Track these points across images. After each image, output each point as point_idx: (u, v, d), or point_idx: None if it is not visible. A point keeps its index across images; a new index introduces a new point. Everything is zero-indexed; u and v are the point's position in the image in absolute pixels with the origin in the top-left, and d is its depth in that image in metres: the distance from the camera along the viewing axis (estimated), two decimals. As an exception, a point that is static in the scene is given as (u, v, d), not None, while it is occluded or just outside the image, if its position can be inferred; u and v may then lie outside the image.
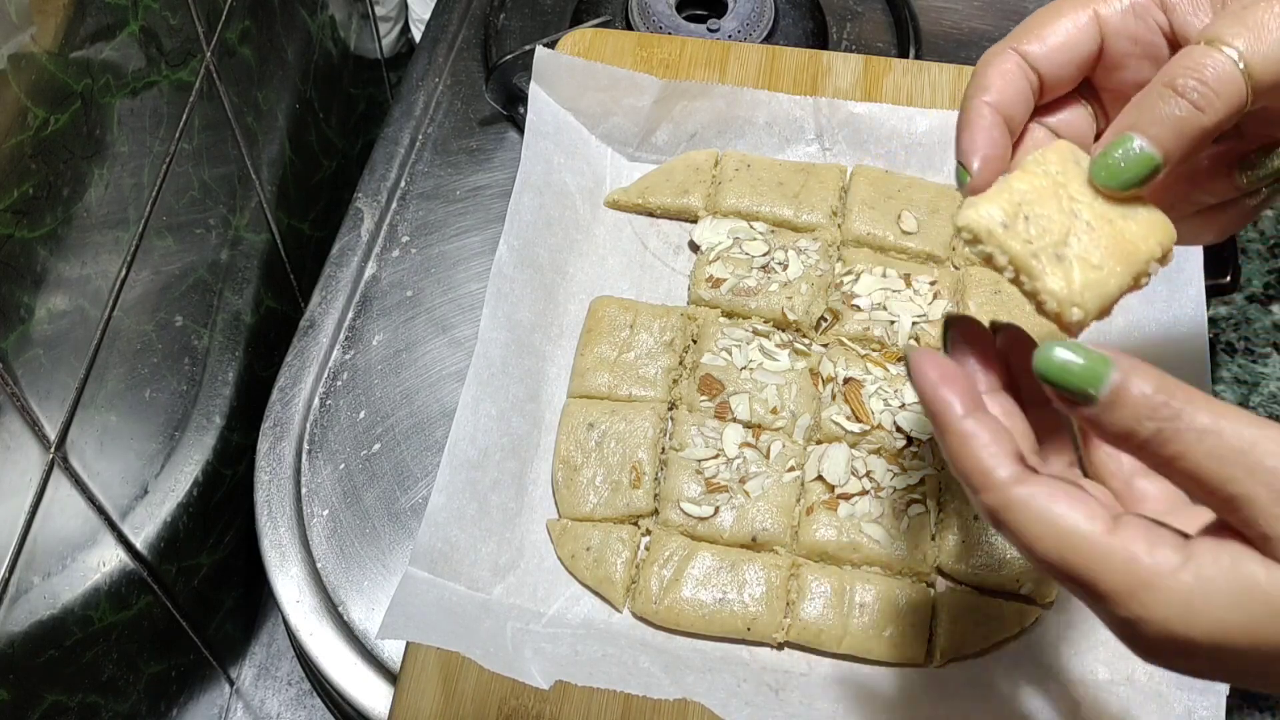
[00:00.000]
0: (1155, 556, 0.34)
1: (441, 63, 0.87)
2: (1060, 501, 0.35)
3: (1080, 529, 0.34)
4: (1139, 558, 0.34)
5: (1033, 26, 0.43)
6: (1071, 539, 0.34)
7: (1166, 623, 0.34)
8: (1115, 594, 0.34)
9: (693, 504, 0.63)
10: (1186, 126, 0.38)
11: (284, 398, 0.71)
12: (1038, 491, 0.35)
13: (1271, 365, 1.22)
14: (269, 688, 0.76)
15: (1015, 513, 0.35)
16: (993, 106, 0.42)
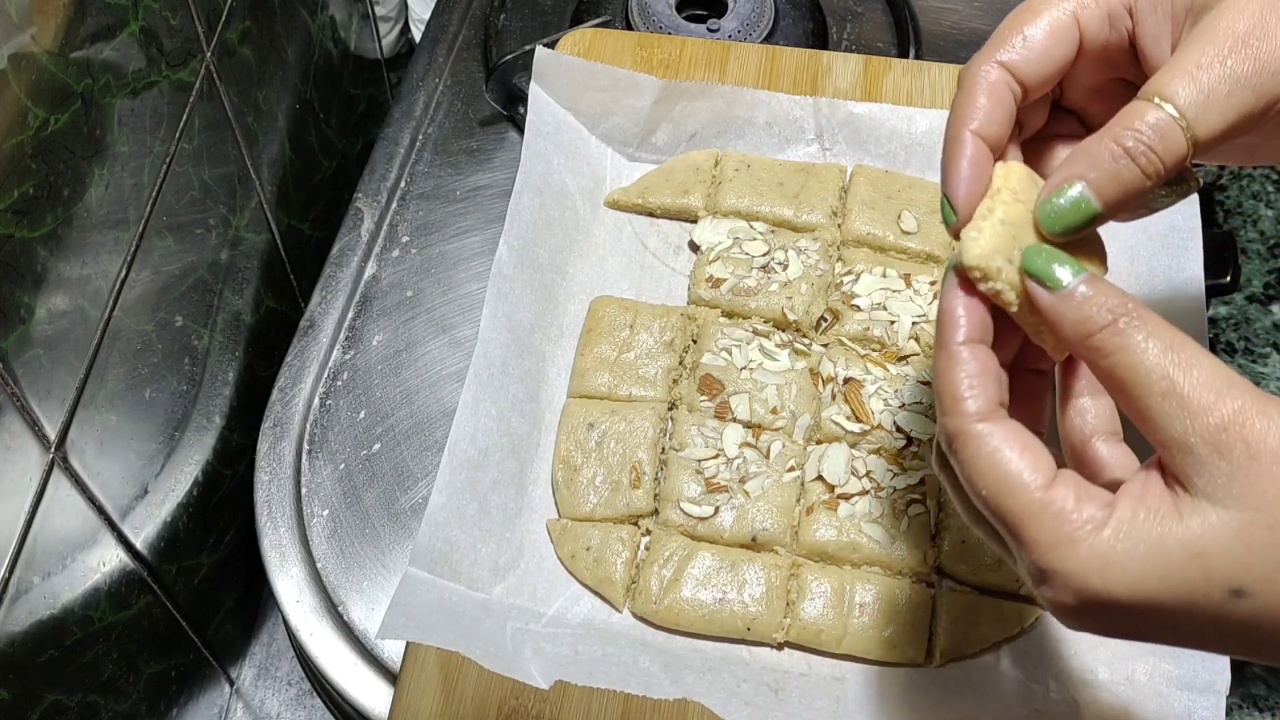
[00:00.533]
0: (1081, 513, 0.35)
1: (441, 63, 0.87)
2: (1013, 447, 0.37)
3: (1021, 478, 0.36)
4: (1066, 513, 0.35)
5: (1015, 29, 0.43)
6: (1009, 483, 0.36)
7: (1084, 577, 0.35)
8: (1037, 543, 0.36)
9: (693, 504, 0.63)
10: (1129, 181, 0.40)
11: (284, 398, 0.71)
12: (995, 431, 0.37)
13: (1271, 365, 1.22)
14: (269, 688, 0.76)
15: (969, 445, 0.38)
16: (976, 134, 0.43)
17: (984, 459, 0.37)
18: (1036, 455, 0.37)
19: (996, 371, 0.39)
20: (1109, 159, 0.40)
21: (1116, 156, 0.40)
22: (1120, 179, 0.40)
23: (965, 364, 0.39)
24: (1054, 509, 0.36)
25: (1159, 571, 0.34)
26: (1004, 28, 0.44)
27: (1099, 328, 0.37)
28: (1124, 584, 0.35)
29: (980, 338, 0.40)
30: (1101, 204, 0.40)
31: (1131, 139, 0.40)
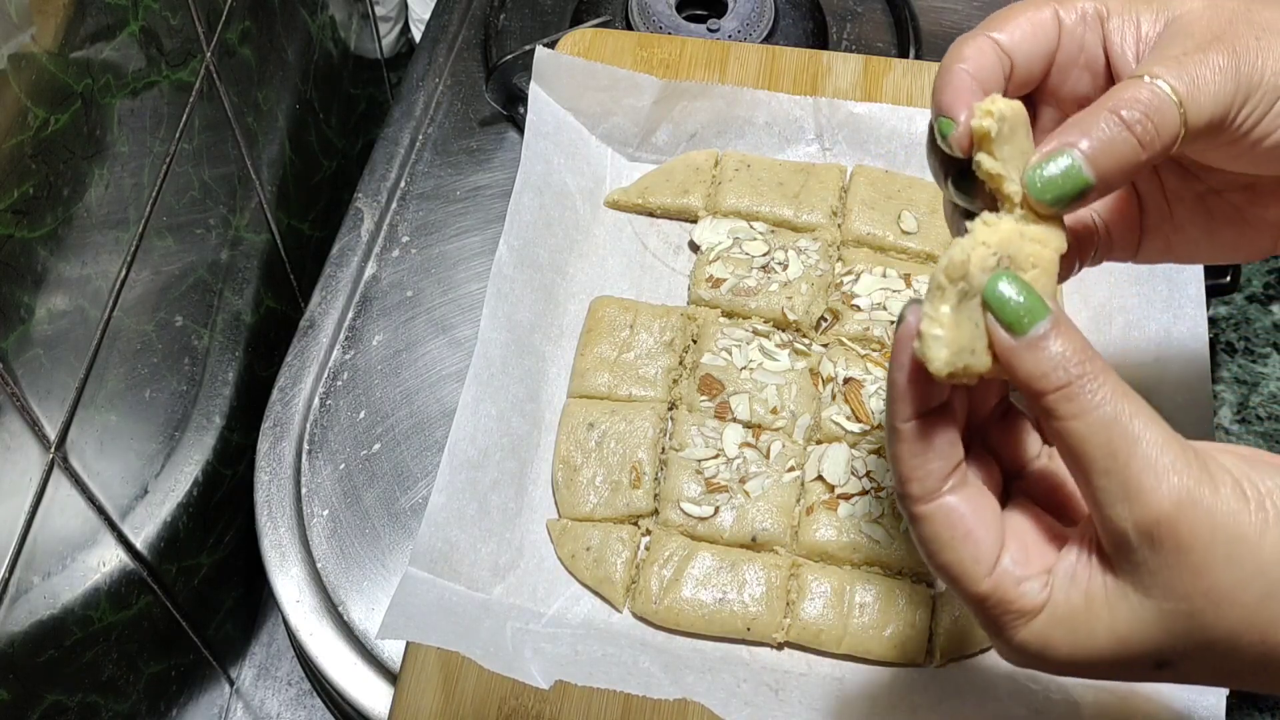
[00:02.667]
0: (1021, 600, 0.37)
1: (441, 63, 0.87)
2: (955, 532, 0.38)
3: (963, 566, 0.38)
4: (1007, 602, 0.37)
5: (1000, 18, 0.44)
6: (954, 569, 0.38)
7: (1024, 652, 0.38)
8: (985, 624, 0.39)
9: (693, 504, 0.63)
10: (1123, 152, 0.39)
11: (284, 398, 0.71)
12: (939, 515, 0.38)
13: (1271, 365, 1.22)
14: (269, 688, 0.76)
15: (916, 525, 0.39)
16: (969, 74, 0.43)
17: (932, 543, 0.39)
18: (980, 539, 0.38)
19: (946, 441, 0.39)
20: (1104, 128, 0.39)
21: (1113, 125, 0.39)
22: (1115, 148, 0.39)
23: (908, 443, 0.38)
24: (994, 600, 0.38)
25: (1089, 651, 0.37)
26: (988, 19, 0.44)
27: (1053, 388, 0.36)
28: (1059, 658, 0.38)
29: (925, 410, 0.39)
30: (1094, 173, 0.39)
31: (1127, 109, 0.39)
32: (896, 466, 0.39)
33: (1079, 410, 0.35)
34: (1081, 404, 0.35)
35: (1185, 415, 0.65)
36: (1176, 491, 0.35)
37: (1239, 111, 0.41)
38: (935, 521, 0.38)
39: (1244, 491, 0.35)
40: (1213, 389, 0.68)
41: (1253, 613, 0.35)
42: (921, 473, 0.38)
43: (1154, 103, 0.39)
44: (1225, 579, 0.35)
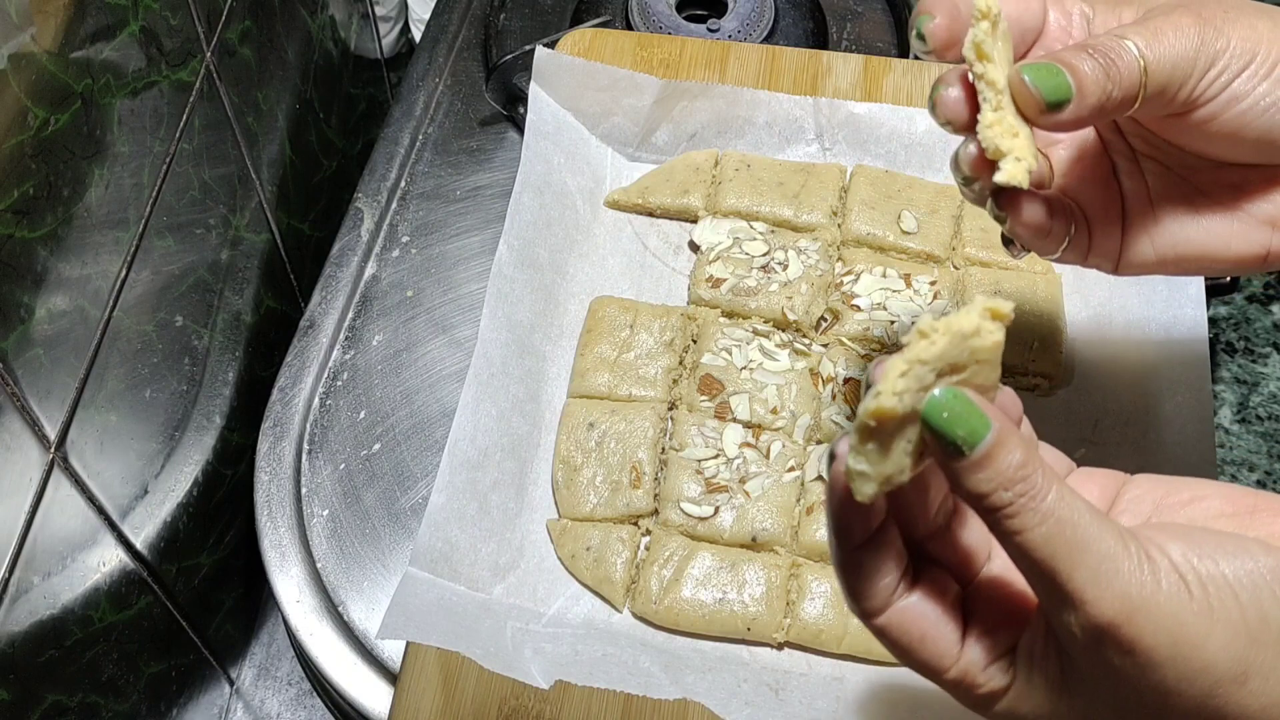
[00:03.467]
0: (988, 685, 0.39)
1: (441, 63, 0.87)
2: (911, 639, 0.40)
3: (930, 665, 0.40)
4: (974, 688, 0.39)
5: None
6: (922, 668, 0.40)
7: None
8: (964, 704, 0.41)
9: (693, 504, 0.63)
10: (1095, 76, 0.42)
11: (284, 398, 0.71)
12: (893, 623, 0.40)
13: (1271, 365, 1.22)
14: (269, 688, 0.76)
15: (877, 635, 0.40)
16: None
17: (895, 648, 0.40)
18: (937, 637, 0.39)
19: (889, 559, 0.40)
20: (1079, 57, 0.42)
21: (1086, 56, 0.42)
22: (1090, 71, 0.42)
23: (853, 569, 0.40)
24: (963, 687, 0.40)
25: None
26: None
27: (998, 507, 0.36)
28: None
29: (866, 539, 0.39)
30: (1075, 84, 0.42)
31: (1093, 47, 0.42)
32: (844, 587, 0.40)
33: (1023, 527, 0.36)
34: (1025, 521, 0.36)
35: (1185, 415, 0.65)
36: (1119, 600, 0.35)
37: (1203, 76, 0.43)
38: (892, 630, 0.40)
39: (1188, 587, 0.36)
40: (1213, 389, 0.68)
41: (1199, 705, 0.36)
42: (870, 591, 0.39)
43: (1119, 49, 0.42)
44: (1170, 677, 0.36)
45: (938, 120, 0.44)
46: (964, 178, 0.45)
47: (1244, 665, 0.36)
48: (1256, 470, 1.21)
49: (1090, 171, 0.50)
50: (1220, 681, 0.36)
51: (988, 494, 0.36)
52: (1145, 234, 0.49)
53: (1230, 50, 0.43)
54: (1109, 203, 0.50)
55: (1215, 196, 0.48)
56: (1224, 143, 0.45)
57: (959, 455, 0.36)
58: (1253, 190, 0.47)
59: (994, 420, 0.36)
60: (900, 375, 0.34)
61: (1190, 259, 0.49)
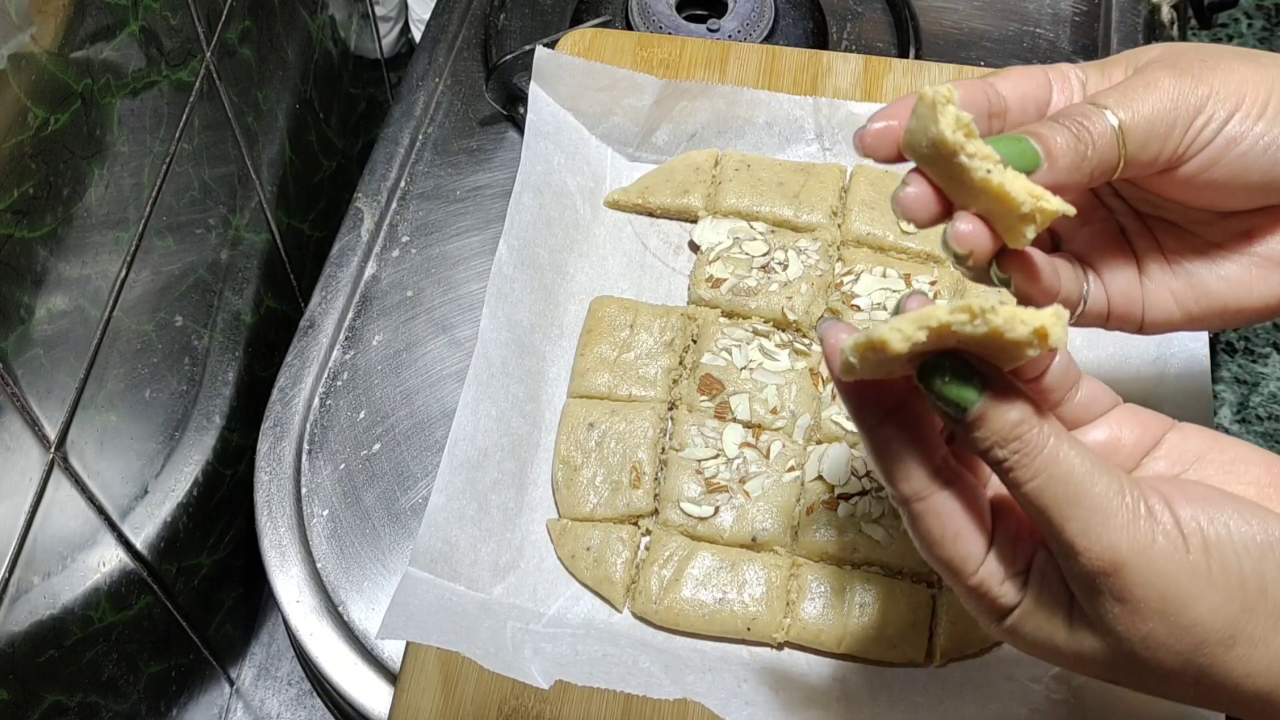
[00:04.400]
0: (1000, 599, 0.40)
1: (441, 63, 0.87)
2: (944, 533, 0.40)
3: (952, 564, 0.41)
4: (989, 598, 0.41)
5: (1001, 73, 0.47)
6: (943, 565, 0.41)
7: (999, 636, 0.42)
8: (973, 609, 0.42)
9: (693, 504, 0.63)
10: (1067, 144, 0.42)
11: (284, 398, 0.71)
12: (929, 511, 0.40)
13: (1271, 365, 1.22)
14: (269, 688, 0.76)
15: (910, 524, 0.41)
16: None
17: (924, 540, 0.41)
18: (967, 538, 0.40)
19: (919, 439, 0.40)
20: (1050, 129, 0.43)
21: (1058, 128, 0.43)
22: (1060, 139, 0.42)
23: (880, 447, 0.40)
24: (979, 594, 0.41)
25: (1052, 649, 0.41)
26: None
27: (997, 462, 0.38)
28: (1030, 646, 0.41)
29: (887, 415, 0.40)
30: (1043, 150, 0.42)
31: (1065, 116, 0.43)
32: (880, 471, 0.41)
33: (1017, 480, 0.38)
34: (1019, 475, 0.38)
35: (1185, 415, 0.65)
36: (1111, 550, 0.37)
37: (1188, 128, 0.43)
38: (929, 517, 0.40)
39: (1186, 543, 0.37)
40: (1213, 389, 0.68)
41: (1186, 661, 0.38)
42: (903, 473, 0.40)
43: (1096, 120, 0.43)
44: (1159, 630, 0.37)
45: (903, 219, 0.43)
46: (957, 255, 0.43)
47: (1233, 629, 0.37)
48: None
49: (1097, 234, 0.50)
50: (1206, 641, 0.37)
51: (987, 450, 0.38)
52: (1166, 290, 0.49)
53: (1214, 96, 0.43)
54: (1122, 262, 0.50)
55: (1229, 246, 0.48)
56: (1226, 190, 0.45)
57: (960, 416, 0.38)
58: (1263, 233, 0.47)
59: (993, 378, 0.38)
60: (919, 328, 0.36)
61: (1215, 312, 0.49)
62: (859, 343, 0.37)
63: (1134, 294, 0.49)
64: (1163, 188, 0.46)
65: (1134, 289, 0.49)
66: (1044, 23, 0.89)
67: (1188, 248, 0.49)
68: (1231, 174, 0.44)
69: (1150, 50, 0.46)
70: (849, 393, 0.40)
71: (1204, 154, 0.44)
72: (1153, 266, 0.49)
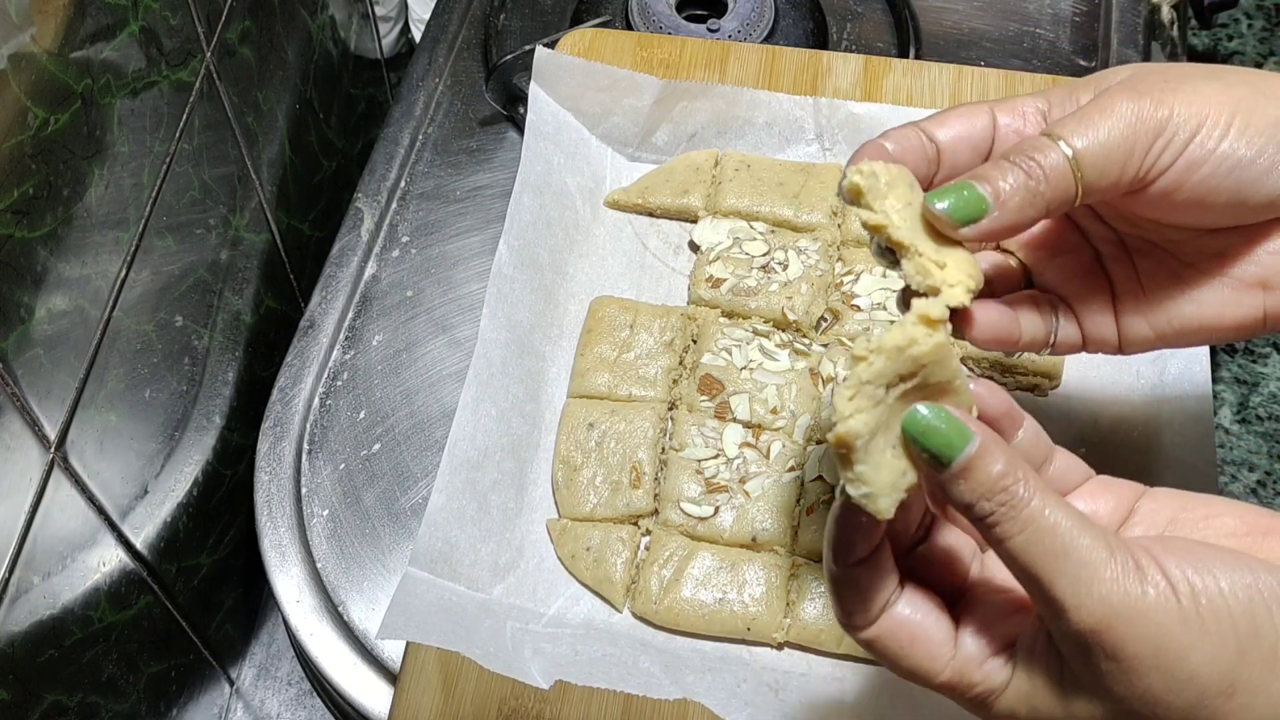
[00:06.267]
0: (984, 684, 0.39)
1: (441, 63, 0.87)
2: (901, 645, 0.40)
3: (923, 670, 0.40)
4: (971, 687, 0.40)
5: (934, 117, 0.46)
6: (917, 675, 0.40)
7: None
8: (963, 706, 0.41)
9: (693, 504, 0.63)
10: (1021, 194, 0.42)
11: (284, 398, 0.71)
12: (882, 634, 0.40)
13: (1271, 365, 1.22)
14: (269, 688, 0.76)
15: (866, 646, 0.41)
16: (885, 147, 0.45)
17: (885, 658, 0.41)
18: (928, 637, 0.40)
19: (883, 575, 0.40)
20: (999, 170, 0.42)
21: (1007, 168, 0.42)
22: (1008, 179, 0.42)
23: (849, 585, 0.40)
24: (960, 685, 0.40)
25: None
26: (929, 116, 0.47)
27: (982, 516, 0.37)
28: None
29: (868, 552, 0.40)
30: (990, 194, 0.42)
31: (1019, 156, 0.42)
32: (837, 603, 0.41)
33: (1006, 535, 0.37)
34: (1007, 530, 0.37)
35: (1185, 415, 0.65)
36: (1101, 605, 0.36)
37: (1148, 151, 0.43)
38: (882, 640, 0.40)
39: (1177, 597, 0.36)
40: (1213, 389, 0.68)
41: (1186, 716, 0.37)
42: (865, 607, 0.40)
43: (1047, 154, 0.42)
44: (1157, 685, 0.36)
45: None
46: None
47: (1231, 679, 0.36)
48: (1256, 470, 1.21)
49: (1070, 264, 0.50)
50: (1206, 694, 0.36)
51: (971, 503, 0.37)
52: (1140, 315, 0.49)
53: (1174, 119, 0.43)
54: (1095, 291, 0.50)
55: (1202, 267, 0.48)
56: (1197, 210, 0.45)
57: (942, 466, 0.37)
58: (1236, 254, 0.47)
59: (975, 433, 0.37)
60: (850, 399, 0.36)
61: (1190, 332, 0.49)
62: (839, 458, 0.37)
63: (1107, 322, 0.50)
64: (1134, 207, 0.46)
65: (1107, 318, 0.50)
66: (1044, 23, 0.89)
67: (1162, 270, 0.48)
68: (1197, 196, 0.44)
69: (1119, 72, 0.45)
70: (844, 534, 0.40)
71: (1167, 177, 0.43)
72: (1126, 293, 0.49)
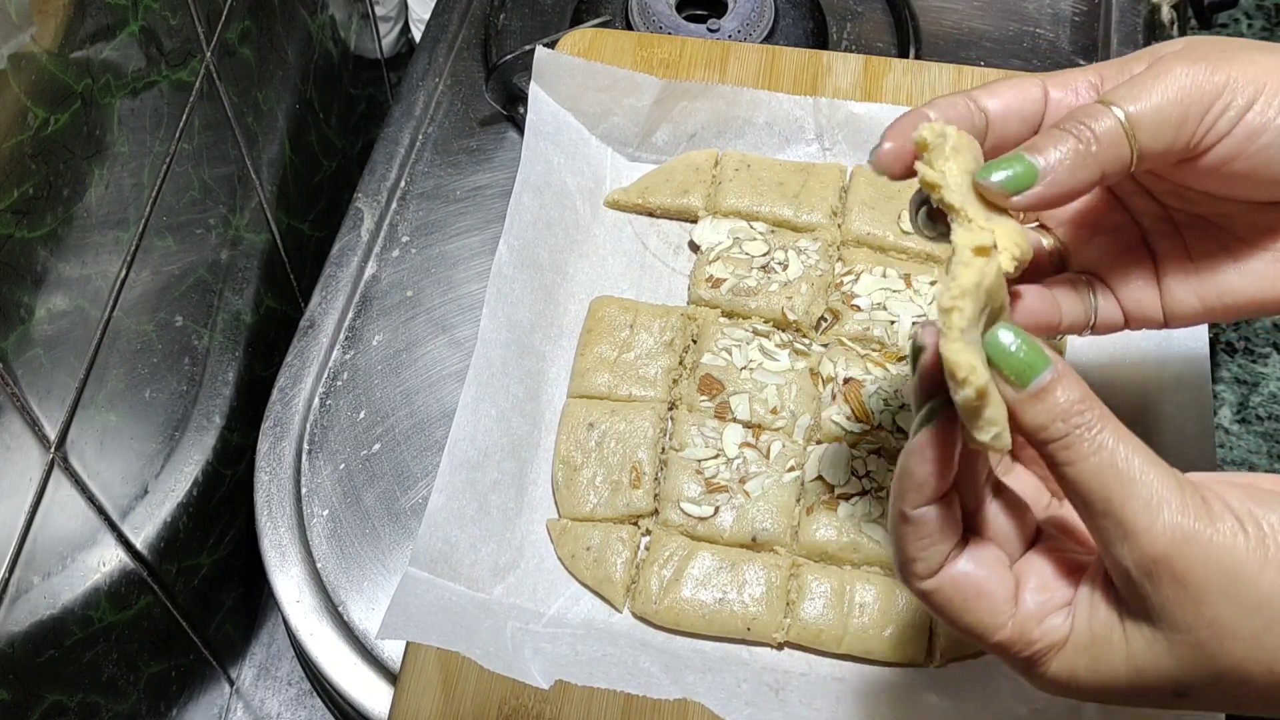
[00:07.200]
0: (1043, 639, 0.39)
1: (441, 63, 0.87)
2: (965, 596, 0.40)
3: (981, 624, 0.40)
4: (1030, 644, 0.40)
5: (986, 87, 0.46)
6: (974, 630, 0.40)
7: (1053, 687, 0.40)
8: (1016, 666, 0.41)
9: (693, 504, 0.63)
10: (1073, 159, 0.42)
11: (284, 398, 0.71)
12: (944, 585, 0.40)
13: (1271, 365, 1.22)
14: (269, 688, 0.76)
15: (928, 600, 0.41)
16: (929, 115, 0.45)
17: (945, 611, 0.41)
18: (992, 592, 0.40)
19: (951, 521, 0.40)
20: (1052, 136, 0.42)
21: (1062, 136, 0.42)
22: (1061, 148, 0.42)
23: (916, 528, 0.40)
24: (1020, 642, 0.40)
25: (1112, 681, 0.39)
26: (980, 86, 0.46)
27: (1055, 438, 0.38)
28: (1086, 687, 0.40)
29: (932, 499, 0.40)
30: (1041, 162, 0.42)
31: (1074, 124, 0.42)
32: (902, 549, 0.40)
33: (1077, 457, 0.37)
34: (1079, 451, 0.37)
35: (1185, 415, 0.65)
36: (1171, 530, 0.36)
37: (1203, 116, 0.42)
38: (943, 592, 0.40)
39: (1244, 527, 0.36)
40: (1213, 389, 0.68)
41: (1256, 645, 0.36)
42: (927, 554, 0.40)
43: (1101, 121, 0.42)
44: (1225, 612, 0.36)
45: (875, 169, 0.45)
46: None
47: None
48: (1257, 470, 1.21)
49: (1111, 243, 0.50)
50: (1274, 621, 0.36)
51: (1045, 425, 0.38)
52: (1189, 289, 0.49)
53: (1231, 85, 0.42)
54: (1137, 267, 0.50)
55: (1253, 241, 0.47)
56: (1251, 183, 0.44)
57: (1019, 387, 0.38)
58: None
59: (1053, 358, 0.38)
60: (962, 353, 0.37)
61: (1238, 306, 0.49)
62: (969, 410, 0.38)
63: (1150, 297, 0.50)
64: (1187, 178, 0.46)
65: (1150, 293, 0.50)
66: (1044, 23, 0.89)
67: (1213, 244, 0.48)
68: (1254, 166, 0.43)
69: (1173, 44, 0.45)
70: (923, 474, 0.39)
71: (1224, 145, 0.43)
72: (1173, 267, 0.49)
